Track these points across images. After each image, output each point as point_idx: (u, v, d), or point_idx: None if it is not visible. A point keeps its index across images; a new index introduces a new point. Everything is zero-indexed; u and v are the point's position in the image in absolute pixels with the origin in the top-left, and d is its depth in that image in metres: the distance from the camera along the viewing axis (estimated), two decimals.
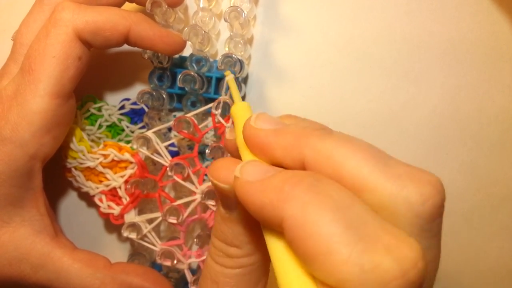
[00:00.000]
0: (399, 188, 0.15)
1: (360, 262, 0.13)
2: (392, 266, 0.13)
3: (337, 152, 0.15)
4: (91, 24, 0.25)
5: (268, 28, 0.32)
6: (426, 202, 0.14)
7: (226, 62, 0.28)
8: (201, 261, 0.28)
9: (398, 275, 0.13)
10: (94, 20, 0.25)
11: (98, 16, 0.25)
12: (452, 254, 0.32)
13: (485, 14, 0.31)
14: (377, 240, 0.14)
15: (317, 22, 0.32)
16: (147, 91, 0.29)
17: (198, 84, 0.28)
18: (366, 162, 0.15)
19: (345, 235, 0.13)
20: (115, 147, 0.28)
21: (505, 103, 0.31)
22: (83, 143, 0.28)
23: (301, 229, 0.14)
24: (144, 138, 0.28)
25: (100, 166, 0.28)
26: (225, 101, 0.27)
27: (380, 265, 0.13)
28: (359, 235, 0.14)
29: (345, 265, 0.13)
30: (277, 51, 0.32)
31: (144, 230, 0.28)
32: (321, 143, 0.16)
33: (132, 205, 0.28)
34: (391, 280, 0.13)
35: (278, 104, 0.32)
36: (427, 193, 0.15)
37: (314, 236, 0.14)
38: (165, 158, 0.28)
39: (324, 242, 0.14)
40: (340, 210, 0.14)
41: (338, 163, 0.15)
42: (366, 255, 0.13)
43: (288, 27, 0.32)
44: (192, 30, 0.28)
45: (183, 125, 0.28)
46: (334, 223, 0.14)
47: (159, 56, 0.29)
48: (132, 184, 0.28)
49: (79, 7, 0.25)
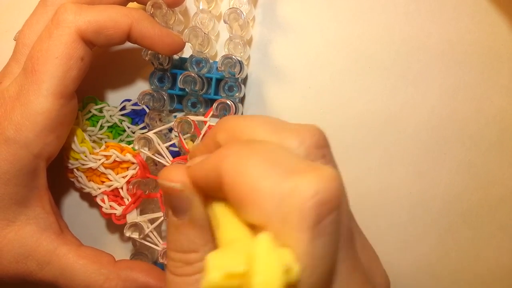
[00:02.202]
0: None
1: (281, 191, 0.15)
2: (307, 187, 0.14)
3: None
4: (93, 23, 0.25)
5: (267, 29, 0.32)
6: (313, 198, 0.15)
7: (226, 63, 0.28)
8: None
9: (313, 194, 0.14)
10: (96, 20, 0.25)
11: (100, 15, 0.25)
12: (450, 254, 0.33)
13: (483, 15, 0.31)
14: (296, 171, 0.15)
15: (316, 23, 0.32)
16: (148, 92, 0.29)
17: (198, 85, 0.29)
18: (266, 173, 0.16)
19: (269, 172, 0.15)
20: (117, 148, 0.28)
21: (503, 103, 0.31)
22: (85, 144, 0.28)
23: (235, 177, 0.16)
24: (146, 139, 0.28)
25: (102, 167, 0.28)
26: None
27: (297, 189, 0.14)
28: (282, 170, 0.15)
29: (270, 198, 0.15)
30: (275, 52, 0.32)
31: (146, 230, 0.28)
32: None
33: (134, 205, 0.29)
34: (307, 200, 0.14)
35: (277, 104, 0.32)
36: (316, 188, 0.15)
37: (246, 179, 0.15)
38: (166, 159, 0.28)
39: (253, 181, 0.15)
40: (266, 154, 0.16)
41: None
42: (285, 183, 0.15)
43: (286, 28, 0.32)
44: (192, 31, 0.28)
45: (184, 126, 0.28)
46: (261, 164, 0.15)
47: (160, 58, 0.29)
48: (134, 185, 0.28)
49: (80, 8, 0.25)
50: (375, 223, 0.33)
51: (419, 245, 0.33)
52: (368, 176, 0.32)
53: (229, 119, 0.19)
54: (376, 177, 0.32)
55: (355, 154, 0.32)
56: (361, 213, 0.32)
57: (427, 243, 0.33)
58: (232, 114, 0.28)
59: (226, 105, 0.28)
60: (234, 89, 0.29)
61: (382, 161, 0.32)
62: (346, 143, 0.32)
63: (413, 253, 0.33)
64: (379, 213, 0.33)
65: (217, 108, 0.28)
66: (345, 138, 0.32)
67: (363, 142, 0.32)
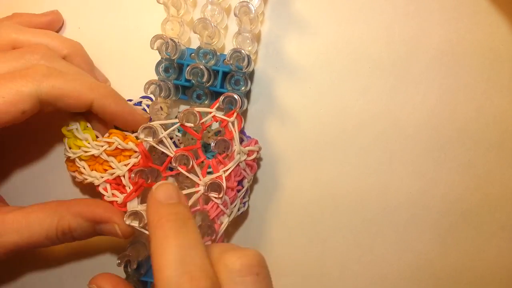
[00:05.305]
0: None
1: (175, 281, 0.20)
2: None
3: None
4: (56, 89, 0.26)
5: (276, 25, 0.32)
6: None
7: (234, 57, 0.28)
8: None
9: None
10: (60, 87, 0.26)
11: (66, 84, 0.26)
12: (450, 254, 0.32)
13: (483, 15, 0.31)
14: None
15: (316, 23, 0.32)
16: (154, 81, 0.29)
17: (205, 77, 0.28)
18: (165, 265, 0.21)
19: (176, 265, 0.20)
20: (120, 136, 0.28)
21: (503, 103, 0.32)
22: (88, 131, 0.28)
23: (157, 250, 0.21)
24: (150, 128, 0.28)
25: (105, 154, 0.28)
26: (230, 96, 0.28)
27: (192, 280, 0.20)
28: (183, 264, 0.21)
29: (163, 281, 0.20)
30: (278, 50, 0.32)
31: (146, 219, 0.28)
32: None
33: (136, 194, 0.28)
34: None
35: (282, 101, 0.32)
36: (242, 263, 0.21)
37: (156, 262, 0.21)
38: (170, 149, 0.28)
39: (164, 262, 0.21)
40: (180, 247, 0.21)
41: None
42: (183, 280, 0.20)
43: (287, 29, 0.32)
44: (202, 23, 0.28)
45: (190, 118, 0.28)
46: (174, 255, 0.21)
47: (168, 48, 0.29)
48: (136, 173, 0.28)
49: (50, 72, 0.26)
50: (375, 223, 0.33)
51: (419, 245, 0.32)
52: (368, 176, 0.32)
53: None
54: (376, 177, 0.32)
55: (355, 154, 0.32)
56: (361, 213, 0.32)
57: (427, 243, 0.32)
58: (238, 108, 0.28)
59: (232, 99, 0.28)
60: (240, 83, 0.29)
61: (382, 161, 0.32)
62: (346, 143, 0.32)
63: (413, 253, 0.33)
64: (379, 213, 0.32)
65: (224, 101, 0.28)
66: (345, 138, 0.32)
67: (363, 142, 0.32)
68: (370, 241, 0.33)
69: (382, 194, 0.32)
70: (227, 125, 0.28)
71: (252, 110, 0.32)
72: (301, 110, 0.32)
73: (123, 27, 0.33)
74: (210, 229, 0.28)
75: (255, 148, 0.30)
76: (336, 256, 0.33)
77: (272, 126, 0.32)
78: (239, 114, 0.29)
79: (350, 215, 0.33)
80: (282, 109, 0.32)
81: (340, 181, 0.32)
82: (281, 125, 0.32)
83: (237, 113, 0.28)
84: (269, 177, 0.33)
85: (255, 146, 0.30)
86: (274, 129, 0.32)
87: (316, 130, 0.32)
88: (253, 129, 0.33)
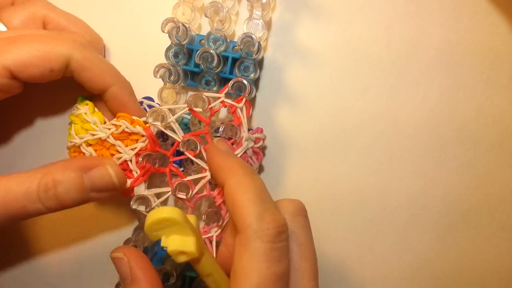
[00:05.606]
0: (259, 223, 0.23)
1: (256, 215, 0.23)
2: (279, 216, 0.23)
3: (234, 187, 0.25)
4: (87, 61, 0.27)
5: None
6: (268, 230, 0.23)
7: (245, 42, 0.28)
8: (207, 238, 0.28)
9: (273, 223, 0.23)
10: (90, 60, 0.27)
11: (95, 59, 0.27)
12: (450, 254, 0.32)
13: (483, 15, 0.31)
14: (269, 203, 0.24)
15: (316, 23, 0.32)
16: (164, 65, 0.29)
17: (215, 62, 0.28)
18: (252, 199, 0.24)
19: (254, 200, 0.23)
20: (127, 119, 0.28)
21: (503, 103, 0.32)
22: (96, 114, 0.28)
23: (232, 193, 0.24)
24: (158, 112, 0.28)
25: (112, 138, 0.28)
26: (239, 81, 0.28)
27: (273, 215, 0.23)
28: (261, 201, 0.23)
29: (248, 216, 0.23)
30: (278, 50, 0.32)
31: (153, 204, 0.28)
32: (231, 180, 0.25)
33: (143, 179, 0.28)
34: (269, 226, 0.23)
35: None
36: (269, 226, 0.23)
37: (239, 197, 0.23)
38: (178, 134, 0.28)
39: (243, 202, 0.23)
40: (256, 187, 0.24)
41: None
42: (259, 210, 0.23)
43: (286, 29, 0.32)
44: (214, 7, 0.28)
45: (199, 102, 0.28)
46: (251, 193, 0.24)
47: (178, 32, 0.28)
48: (143, 157, 0.28)
49: (86, 44, 0.28)
50: (375, 223, 0.33)
51: (419, 245, 0.33)
52: (368, 176, 0.32)
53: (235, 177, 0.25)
54: (376, 177, 0.32)
55: (355, 154, 0.32)
56: (361, 213, 0.32)
57: (427, 243, 0.32)
58: (247, 93, 0.28)
59: (242, 84, 0.28)
60: (249, 69, 0.29)
61: (382, 161, 0.32)
62: (346, 143, 0.32)
63: (413, 253, 0.33)
64: (379, 213, 0.32)
65: (233, 87, 0.28)
66: (345, 138, 0.32)
67: (363, 142, 0.32)
68: (370, 241, 0.33)
69: (382, 194, 0.32)
70: (236, 110, 0.28)
71: (260, 98, 0.32)
72: (299, 111, 0.32)
73: (126, 26, 0.33)
74: (217, 215, 0.28)
75: (261, 136, 0.30)
76: (336, 256, 0.33)
77: (275, 119, 0.33)
78: (247, 100, 0.29)
79: (350, 215, 0.33)
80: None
81: (340, 181, 0.32)
82: (281, 124, 0.32)
83: (246, 99, 0.28)
84: (269, 177, 0.33)
85: (261, 134, 0.30)
86: (278, 120, 0.32)
87: (316, 130, 0.32)
88: (260, 118, 0.32)
